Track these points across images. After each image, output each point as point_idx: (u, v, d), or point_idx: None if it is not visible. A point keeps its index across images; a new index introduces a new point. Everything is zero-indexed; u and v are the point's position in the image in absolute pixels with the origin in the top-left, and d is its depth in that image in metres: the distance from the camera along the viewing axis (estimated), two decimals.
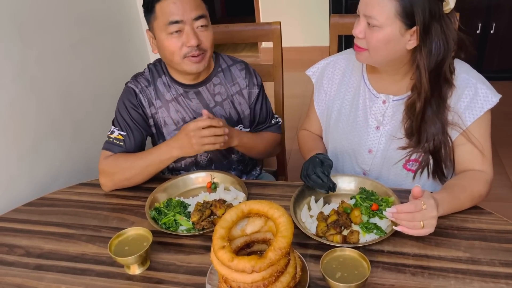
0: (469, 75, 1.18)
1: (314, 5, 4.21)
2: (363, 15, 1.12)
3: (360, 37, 1.14)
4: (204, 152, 1.44)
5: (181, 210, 1.20)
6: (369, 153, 1.30)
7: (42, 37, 1.56)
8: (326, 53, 1.46)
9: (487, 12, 3.32)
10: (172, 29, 1.24)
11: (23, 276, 1.07)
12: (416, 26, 1.08)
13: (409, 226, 0.99)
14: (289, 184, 1.32)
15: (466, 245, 1.02)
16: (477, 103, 1.16)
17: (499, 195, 2.36)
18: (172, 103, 1.39)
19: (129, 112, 1.37)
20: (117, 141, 1.36)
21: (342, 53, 1.40)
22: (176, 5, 1.22)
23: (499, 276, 0.93)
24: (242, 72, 1.44)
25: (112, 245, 1.04)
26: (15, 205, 1.35)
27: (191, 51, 1.26)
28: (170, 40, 1.25)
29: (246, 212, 0.92)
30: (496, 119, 1.29)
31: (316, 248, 1.05)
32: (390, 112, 1.25)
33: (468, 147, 1.17)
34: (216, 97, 1.41)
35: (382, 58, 1.16)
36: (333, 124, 1.37)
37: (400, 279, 0.95)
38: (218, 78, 1.41)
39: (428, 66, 1.11)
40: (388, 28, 1.09)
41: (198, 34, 1.26)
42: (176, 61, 1.28)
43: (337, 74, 1.36)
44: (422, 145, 1.18)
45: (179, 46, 1.25)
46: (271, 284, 0.86)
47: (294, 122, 3.03)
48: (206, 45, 1.28)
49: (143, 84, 1.39)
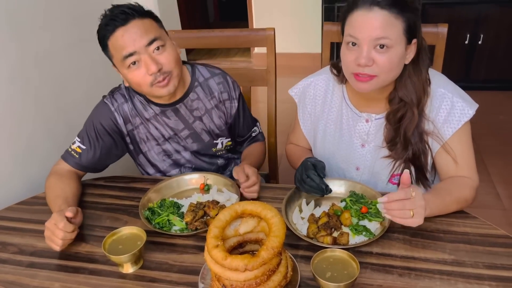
0: (445, 89, 1.20)
1: (306, 12, 4.26)
2: (370, 40, 1.07)
3: (369, 65, 1.09)
4: (188, 164, 1.46)
5: (174, 210, 1.22)
6: (357, 170, 1.34)
7: (38, 37, 1.57)
8: (317, 60, 1.50)
9: (476, 23, 3.39)
10: (129, 62, 1.20)
11: (16, 274, 1.07)
12: (415, 39, 1.12)
13: (399, 215, 1.00)
14: (281, 187, 1.35)
15: (452, 247, 1.05)
16: (454, 117, 1.18)
17: (484, 202, 2.41)
18: (151, 121, 1.37)
19: (96, 128, 1.35)
20: (74, 153, 1.36)
21: (319, 73, 1.39)
22: (124, 37, 1.18)
23: (483, 278, 0.96)
24: (220, 86, 1.42)
25: (106, 244, 1.05)
26: (8, 204, 1.36)
27: (155, 78, 1.21)
28: (132, 73, 1.21)
29: (239, 213, 0.94)
30: (482, 128, 1.34)
31: (307, 249, 1.08)
32: (374, 130, 1.28)
33: (450, 158, 1.20)
34: (194, 112, 1.39)
35: (391, 79, 1.15)
36: (319, 143, 1.39)
37: (387, 280, 0.98)
38: (195, 93, 1.38)
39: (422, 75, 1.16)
40: (397, 47, 1.09)
41: (156, 58, 1.20)
42: (145, 91, 1.26)
43: (319, 96, 1.37)
44: (404, 153, 1.21)
45: (142, 76, 1.21)
46: (263, 282, 0.88)
47: (285, 127, 3.04)
48: (168, 67, 1.22)
49: (119, 101, 1.36)
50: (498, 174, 2.63)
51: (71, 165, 1.36)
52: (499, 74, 3.56)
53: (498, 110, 3.27)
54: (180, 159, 1.45)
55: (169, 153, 1.44)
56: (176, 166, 1.46)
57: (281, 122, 1.98)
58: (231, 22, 5.70)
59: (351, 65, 1.13)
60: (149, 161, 1.46)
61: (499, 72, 3.55)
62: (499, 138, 2.96)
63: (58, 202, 1.21)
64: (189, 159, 1.45)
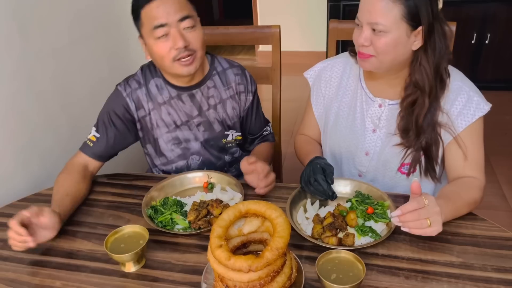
0: (463, 83, 1.21)
1: (311, 10, 4.24)
2: (367, 23, 1.12)
3: (366, 45, 1.15)
4: (195, 156, 1.45)
5: (177, 209, 1.20)
6: (366, 155, 1.32)
7: (41, 33, 1.56)
8: (322, 58, 1.47)
9: (483, 23, 3.36)
10: (158, 34, 1.22)
11: (18, 271, 1.06)
12: (421, 26, 1.11)
13: (416, 226, 0.97)
14: (286, 186, 1.33)
15: (460, 250, 1.03)
16: (469, 110, 1.19)
17: (491, 203, 2.39)
18: (164, 105, 1.38)
19: (109, 115, 1.37)
20: (89, 142, 1.37)
21: (338, 56, 1.41)
22: (159, 8, 1.21)
23: (491, 281, 0.95)
24: (237, 77, 1.43)
25: (108, 242, 1.04)
26: (10, 200, 1.35)
27: (179, 53, 1.24)
28: (158, 45, 1.24)
29: (243, 212, 0.93)
30: (489, 128, 1.32)
31: (311, 249, 1.06)
32: (386, 116, 1.28)
33: (460, 152, 1.20)
34: (210, 100, 1.41)
35: (389, 62, 1.17)
36: (331, 127, 1.38)
37: (394, 282, 0.96)
38: (212, 81, 1.40)
39: (432, 63, 1.15)
40: (395, 31, 1.11)
41: (185, 35, 1.24)
42: (166, 65, 1.27)
43: (335, 78, 1.37)
44: (416, 141, 1.20)
45: (167, 49, 1.24)
46: (267, 283, 0.86)
47: (290, 126, 3.04)
48: (194, 46, 1.26)
49: (133, 86, 1.37)
50: (505, 175, 2.60)
51: (88, 154, 1.37)
52: (506, 74, 3.52)
53: (504, 110, 3.24)
54: (189, 148, 1.44)
55: (179, 141, 1.43)
56: (184, 157, 1.45)
57: (285, 120, 1.96)
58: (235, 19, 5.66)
59: (356, 43, 1.19)
60: (158, 150, 1.45)
61: (506, 72, 3.51)
62: (506, 139, 2.94)
63: (54, 198, 1.22)
64: (198, 150, 1.45)
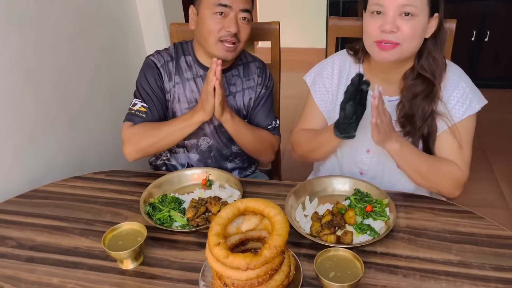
0: (460, 79, 1.22)
1: (311, 7, 4.23)
2: (396, 6, 1.10)
3: (394, 31, 1.11)
4: (206, 137, 1.47)
5: (176, 206, 1.20)
6: (367, 153, 1.32)
7: (39, 29, 1.55)
8: (322, 55, 1.48)
9: (482, 20, 3.36)
10: (218, 10, 1.28)
11: (15, 268, 1.06)
12: (438, 13, 1.14)
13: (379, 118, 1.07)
14: (284, 184, 1.33)
15: (458, 248, 1.04)
16: (461, 107, 1.20)
17: (489, 201, 2.38)
18: (190, 82, 1.42)
19: (150, 84, 1.41)
20: (139, 113, 1.39)
21: (336, 54, 1.41)
22: None
23: (489, 280, 0.95)
24: (258, 70, 1.49)
25: (106, 239, 1.03)
26: (7, 197, 1.35)
27: (227, 35, 1.29)
28: (213, 20, 1.29)
29: (242, 210, 0.92)
30: (487, 126, 1.32)
31: (310, 247, 1.06)
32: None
33: (450, 141, 1.21)
34: (231, 88, 1.45)
35: (412, 50, 1.16)
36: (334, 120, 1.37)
37: (392, 280, 0.96)
38: (237, 70, 1.46)
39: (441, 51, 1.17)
40: (421, 15, 1.12)
41: (239, 24, 1.31)
42: (210, 42, 1.32)
43: (336, 74, 1.37)
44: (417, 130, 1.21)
45: (219, 28, 1.29)
46: (265, 281, 0.86)
47: (288, 123, 3.03)
48: (242, 37, 1.33)
49: (165, 58, 1.43)
50: (503, 173, 2.60)
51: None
52: (505, 71, 3.53)
53: (503, 108, 3.24)
54: (202, 129, 1.45)
55: None
56: (196, 136, 1.46)
57: (284, 118, 1.95)
58: None
59: (375, 33, 1.14)
60: None
61: (505, 70, 3.52)
62: (504, 136, 2.93)
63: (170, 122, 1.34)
64: (210, 132, 1.47)
